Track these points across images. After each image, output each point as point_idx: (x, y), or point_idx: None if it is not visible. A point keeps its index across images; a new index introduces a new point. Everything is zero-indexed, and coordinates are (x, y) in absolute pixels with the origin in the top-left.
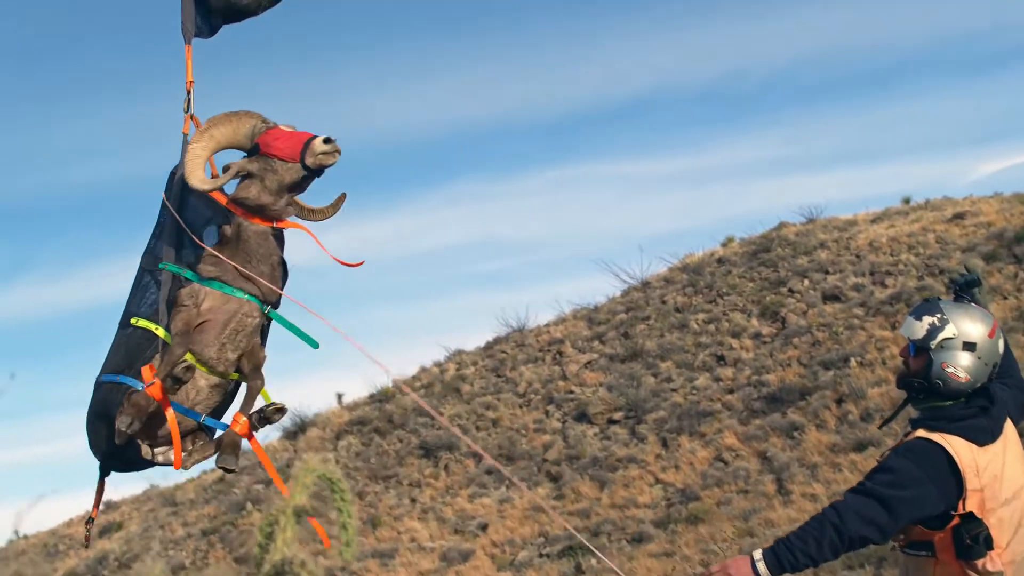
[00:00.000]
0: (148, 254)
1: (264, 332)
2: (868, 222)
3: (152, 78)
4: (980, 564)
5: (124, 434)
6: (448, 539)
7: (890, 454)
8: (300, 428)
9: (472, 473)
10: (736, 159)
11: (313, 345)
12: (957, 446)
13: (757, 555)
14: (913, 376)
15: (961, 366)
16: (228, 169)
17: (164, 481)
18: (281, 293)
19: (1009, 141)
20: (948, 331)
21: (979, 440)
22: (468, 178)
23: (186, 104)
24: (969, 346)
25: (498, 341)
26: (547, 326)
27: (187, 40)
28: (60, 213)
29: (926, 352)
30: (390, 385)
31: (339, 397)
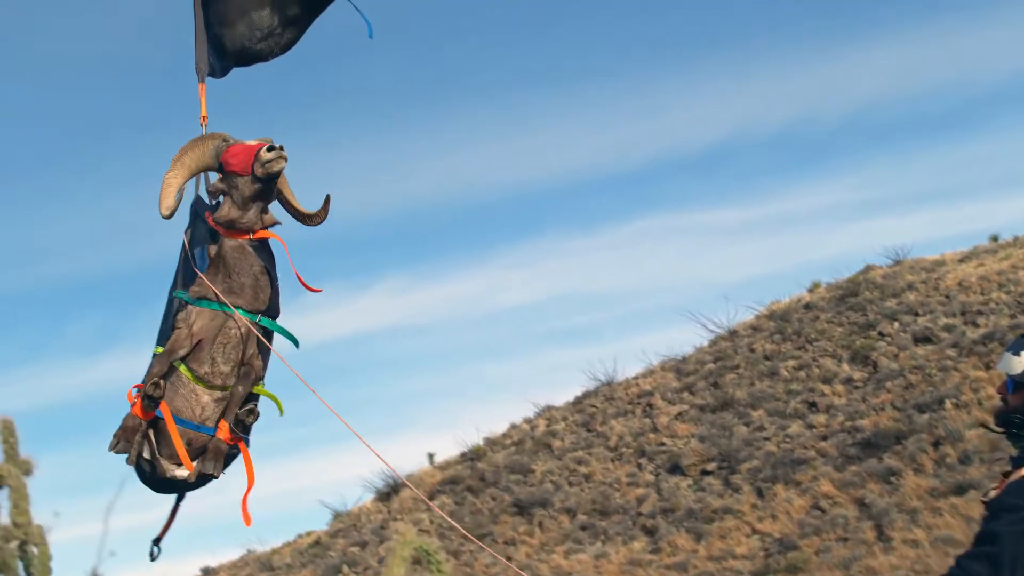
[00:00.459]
0: (172, 285)
1: (264, 342)
2: (956, 261)
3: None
4: None
5: (132, 456)
6: None
7: (1010, 490)
8: (393, 490)
9: (567, 529)
10: (818, 203)
11: (295, 343)
12: None
13: None
14: (1012, 412)
15: None
16: (214, 192)
17: (261, 546)
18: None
19: None
20: None
21: None
22: (552, 233)
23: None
24: None
25: (587, 395)
26: (636, 378)
27: (200, 79)
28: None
29: None
30: (480, 444)
31: (431, 457)
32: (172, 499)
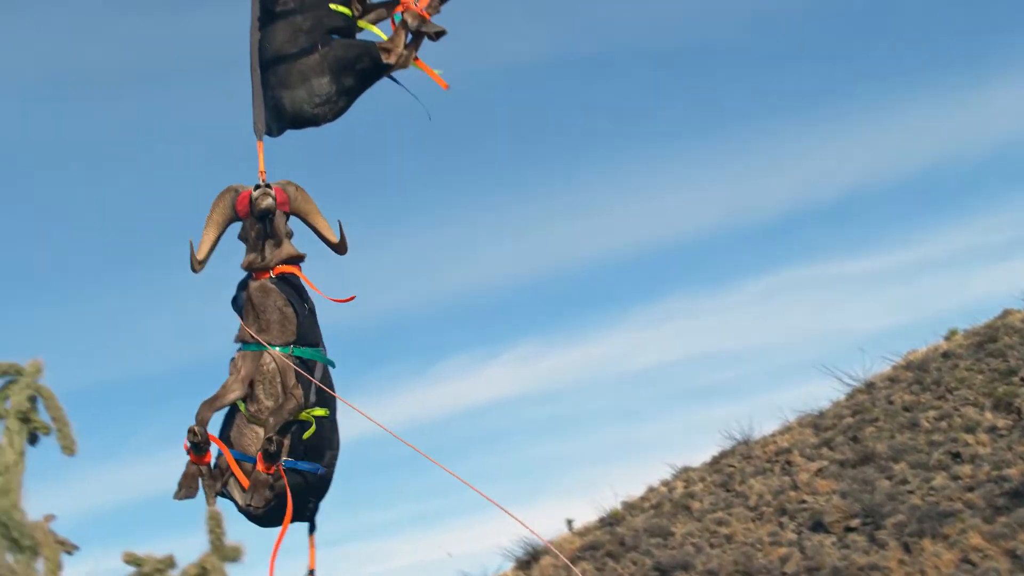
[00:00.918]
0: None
1: (306, 375)
2: None
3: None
4: None
5: (211, 499)
6: None
7: None
8: (532, 557)
9: None
10: (952, 247)
11: (332, 365)
12: None
13: None
14: None
15: None
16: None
17: None
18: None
19: None
20: None
21: None
22: (680, 293)
23: None
24: None
25: (724, 455)
26: (773, 436)
27: (258, 137)
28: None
29: None
30: (618, 508)
31: (569, 523)
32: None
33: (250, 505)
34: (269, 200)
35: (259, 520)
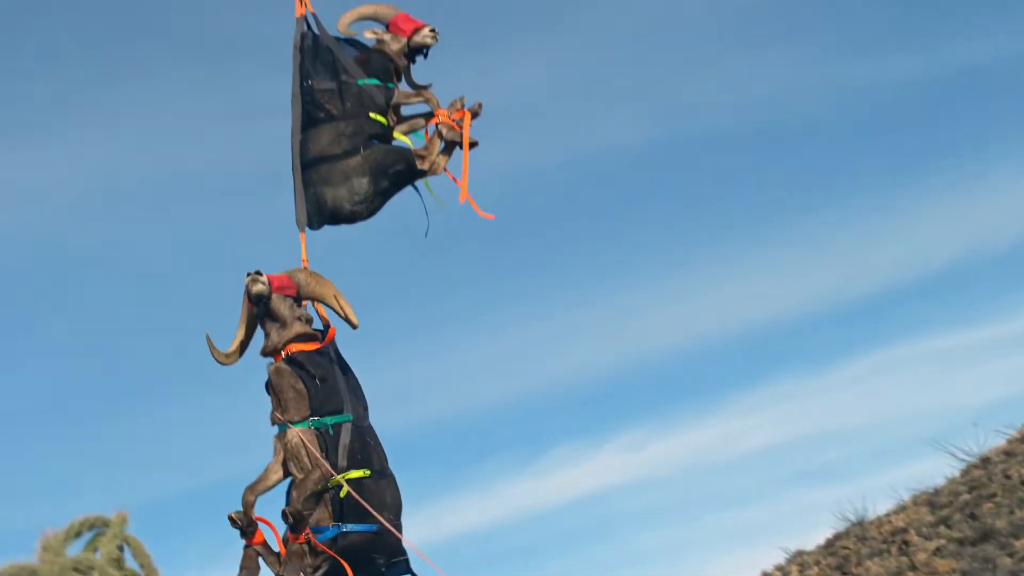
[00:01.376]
0: None
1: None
2: None
3: None
4: None
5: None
6: None
7: None
8: None
9: None
10: None
11: (350, 418)
12: None
13: None
14: None
15: None
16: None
17: None
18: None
19: None
20: None
21: None
22: (783, 375)
23: None
24: None
25: (839, 537)
26: (888, 515)
27: (300, 228)
28: None
29: None
30: None
31: None
32: None
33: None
34: (259, 286)
35: None
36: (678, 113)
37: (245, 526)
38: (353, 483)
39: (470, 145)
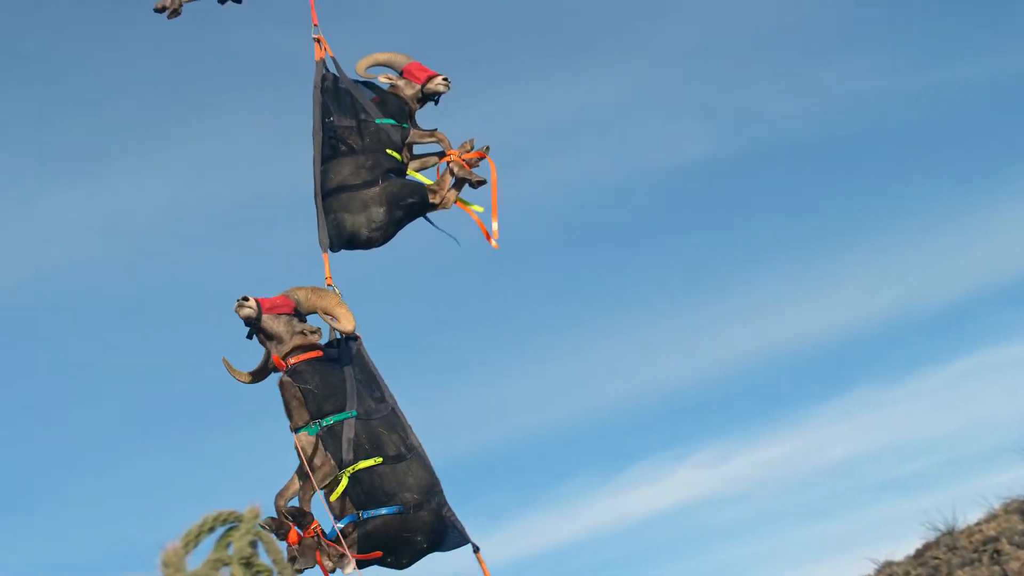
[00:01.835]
0: None
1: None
2: None
3: None
4: None
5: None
6: None
7: None
8: None
9: None
10: None
11: (353, 414)
12: None
13: None
14: None
15: None
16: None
17: None
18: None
19: None
20: None
21: None
22: (865, 384)
23: None
24: None
25: (928, 547)
26: (978, 524)
27: (323, 249)
28: None
29: None
30: None
31: None
32: None
33: (298, 568)
34: (245, 310)
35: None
36: (746, 127)
37: (276, 529)
38: (364, 472)
39: (478, 183)
